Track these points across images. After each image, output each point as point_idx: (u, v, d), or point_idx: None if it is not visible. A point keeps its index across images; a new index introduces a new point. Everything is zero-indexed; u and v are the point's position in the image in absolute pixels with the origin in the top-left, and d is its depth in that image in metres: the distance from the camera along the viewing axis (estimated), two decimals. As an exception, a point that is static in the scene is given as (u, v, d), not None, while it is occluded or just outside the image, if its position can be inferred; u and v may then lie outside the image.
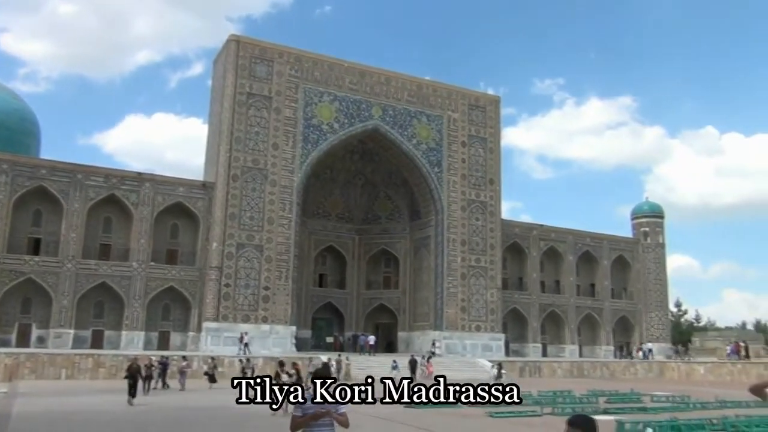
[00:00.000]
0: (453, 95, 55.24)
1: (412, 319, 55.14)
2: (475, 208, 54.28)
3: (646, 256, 67.96)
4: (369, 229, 58.31)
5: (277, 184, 46.33)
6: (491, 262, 54.35)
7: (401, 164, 54.02)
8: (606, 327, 64.65)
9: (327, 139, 48.92)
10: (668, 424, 15.58)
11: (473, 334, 52.20)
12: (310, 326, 54.01)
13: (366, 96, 50.89)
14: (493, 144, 56.40)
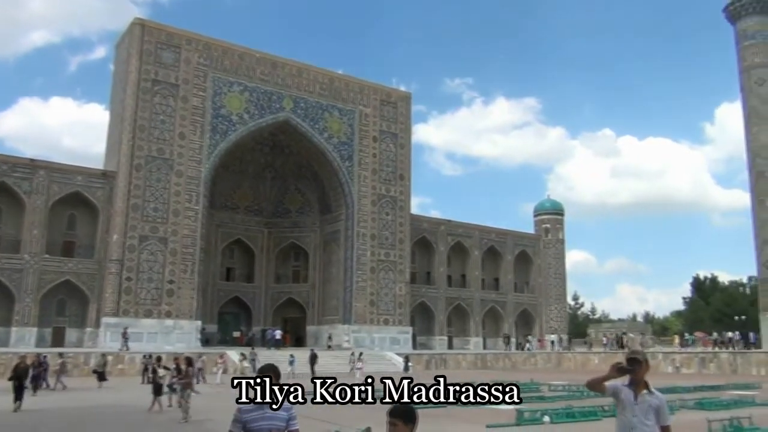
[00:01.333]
0: (365, 90, 55.44)
1: (321, 313, 55.06)
2: (385, 203, 54.78)
3: (547, 252, 70.88)
4: (279, 222, 57.65)
5: (183, 174, 44.94)
6: (400, 257, 55.05)
7: (312, 157, 53.72)
8: (508, 320, 66.99)
9: (236, 130, 47.91)
10: (564, 412, 16.37)
11: (382, 327, 52.74)
12: (216, 321, 52.85)
13: (277, 87, 50.21)
14: (404, 140, 57.08)
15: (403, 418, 4.00)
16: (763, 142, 49.30)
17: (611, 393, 5.57)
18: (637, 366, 5.41)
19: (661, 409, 5.27)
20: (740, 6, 51.27)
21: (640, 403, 5.30)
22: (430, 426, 15.08)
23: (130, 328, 40.59)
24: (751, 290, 75.05)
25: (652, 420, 5.21)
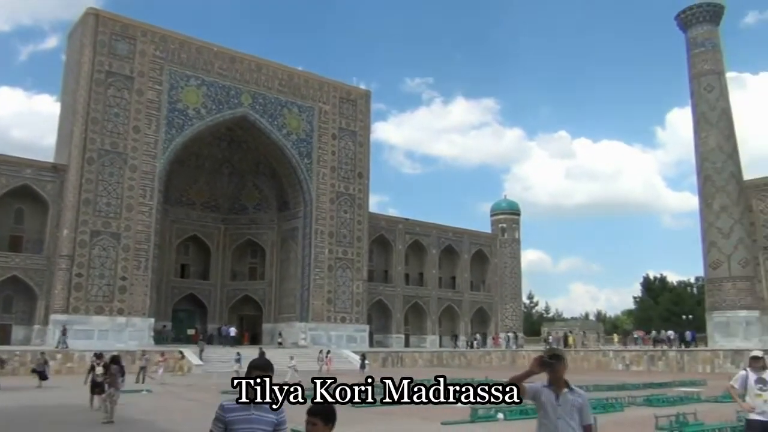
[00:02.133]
0: (325, 87, 55.21)
1: (277, 310, 54.66)
2: (343, 201, 54.67)
3: (503, 251, 71.82)
4: (235, 218, 56.98)
5: (137, 169, 44.01)
6: (358, 255, 55.03)
7: (270, 154, 53.25)
8: (465, 318, 67.67)
9: (193, 124, 47.15)
10: (517, 409, 16.61)
11: (338, 325, 52.64)
12: (170, 318, 51.93)
13: (235, 82, 49.60)
14: (363, 138, 57.06)
15: (322, 417, 3.93)
16: (711, 147, 50.86)
17: (531, 395, 5.24)
18: (557, 362, 5.12)
19: (584, 408, 5.00)
20: (691, 14, 52.76)
21: (563, 403, 5.01)
22: (386, 424, 15.15)
23: (81, 326, 39.63)
24: (698, 290, 77.53)
25: (576, 420, 4.95)
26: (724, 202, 49.62)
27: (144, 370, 28.88)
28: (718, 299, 49.07)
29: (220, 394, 22.94)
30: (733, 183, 50.14)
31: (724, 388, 23.03)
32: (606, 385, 26.37)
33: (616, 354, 48.21)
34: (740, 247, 49.04)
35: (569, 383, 5.09)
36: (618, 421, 15.63)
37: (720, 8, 52.69)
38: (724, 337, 47.46)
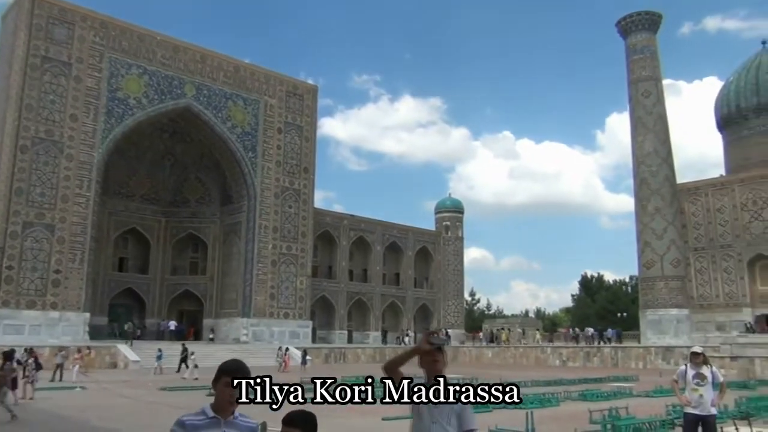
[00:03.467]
0: (271, 80, 54.58)
1: (219, 306, 53.82)
2: (288, 196, 54.21)
3: (446, 249, 72.61)
4: (177, 212, 55.75)
5: (74, 159, 42.52)
6: (302, 250, 54.68)
7: (214, 147, 52.32)
8: (408, 314, 68.13)
9: (134, 114, 45.87)
10: (457, 404, 16.80)
11: (281, 321, 52.21)
12: (106, 313, 50.45)
13: (179, 72, 48.49)
14: (309, 133, 56.69)
15: (302, 427, 3.24)
16: (647, 151, 52.65)
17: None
18: (438, 353, 4.47)
19: (465, 411, 4.28)
20: (630, 22, 54.45)
21: (440, 404, 4.30)
22: (327, 419, 15.10)
23: (10, 320, 38.14)
24: (633, 289, 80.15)
25: (454, 425, 4.23)
26: (658, 204, 51.46)
27: (60, 367, 27.82)
28: (651, 298, 50.89)
29: (157, 391, 22.47)
30: (667, 186, 52.05)
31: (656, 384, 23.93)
32: (544, 380, 27.00)
33: (553, 350, 49.41)
34: (672, 248, 50.97)
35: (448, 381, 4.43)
36: (554, 415, 16.02)
37: (658, 17, 54.57)
38: (655, 334, 49.25)
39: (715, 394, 8.73)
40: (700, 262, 54.83)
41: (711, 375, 8.66)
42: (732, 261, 53.45)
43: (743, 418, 14.11)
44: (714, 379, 8.68)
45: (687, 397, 8.80)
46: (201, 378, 27.00)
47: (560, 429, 13.04)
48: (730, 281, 53.47)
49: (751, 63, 60.38)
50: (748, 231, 52.90)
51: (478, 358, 53.57)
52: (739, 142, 59.43)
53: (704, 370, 8.72)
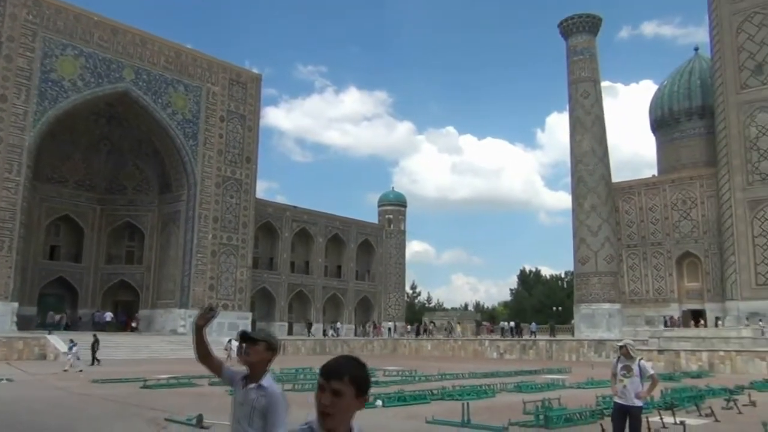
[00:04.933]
0: (214, 67, 53.49)
1: (155, 296, 52.57)
2: (229, 186, 53.35)
3: (388, 242, 72.97)
4: (113, 199, 54.07)
5: (3, 141, 40.64)
6: (243, 241, 53.96)
7: (153, 133, 50.93)
8: (349, 306, 68.19)
9: (68, 97, 44.16)
10: (396, 396, 17.00)
11: (220, 312, 51.35)
12: (36, 303, 48.58)
13: (117, 56, 46.94)
14: (252, 122, 55.89)
15: (356, 383, 2.40)
16: (585, 150, 54.16)
17: (228, 380, 4.12)
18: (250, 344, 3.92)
19: (270, 412, 3.72)
20: (572, 23, 55.81)
21: (245, 401, 3.83)
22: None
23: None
24: (568, 284, 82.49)
25: (256, 426, 3.74)
26: (594, 202, 53.05)
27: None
28: (585, 292, 52.50)
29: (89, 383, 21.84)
30: (602, 185, 53.70)
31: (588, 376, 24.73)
32: (481, 372, 27.51)
33: (491, 343, 50.37)
34: (606, 245, 52.68)
35: (267, 375, 3.88)
36: (489, 406, 16.36)
37: (598, 20, 56.12)
38: (589, 327, 50.87)
39: (644, 386, 9.05)
40: (632, 259, 56.84)
41: (638, 368, 8.98)
42: (662, 258, 55.60)
43: (668, 408, 14.75)
44: (642, 372, 9.00)
45: (615, 387, 9.16)
46: (104, 369, 26.31)
47: (495, 419, 13.34)
48: (659, 277, 55.63)
49: (684, 68, 62.77)
50: (677, 230, 55.12)
51: (417, 350, 54.12)
52: (671, 144, 61.79)
53: (633, 363, 9.06)
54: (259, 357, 3.88)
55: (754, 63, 49.59)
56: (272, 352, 3.95)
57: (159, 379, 22.42)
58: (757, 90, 49.32)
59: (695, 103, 59.51)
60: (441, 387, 19.81)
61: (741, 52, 50.27)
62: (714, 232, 52.46)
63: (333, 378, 2.38)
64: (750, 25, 50.07)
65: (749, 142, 49.22)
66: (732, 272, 48.81)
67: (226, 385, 4.33)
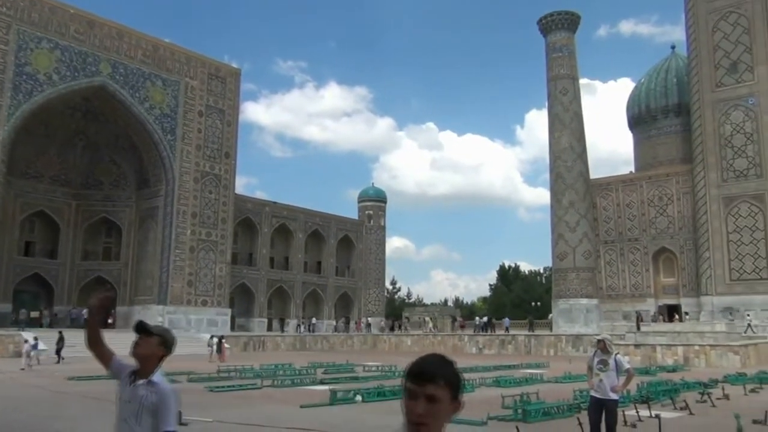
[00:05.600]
0: (192, 62, 52.99)
1: (133, 292, 52.08)
2: (208, 181, 52.95)
3: (368, 237, 72.97)
4: (89, 194, 53.39)
5: (-24, 136, 39.96)
6: (222, 237, 53.62)
7: (130, 128, 50.35)
8: (329, 302, 68.11)
9: (44, 91, 43.48)
10: (375, 391, 17.03)
11: (199, 308, 51.11)
12: (11, 299, 47.87)
13: (94, 49, 46.28)
14: (231, 117, 55.50)
15: (452, 386, 2.10)
16: (564, 147, 54.59)
17: (114, 374, 3.82)
18: (143, 336, 3.68)
19: (160, 410, 3.49)
20: (551, 20, 56.15)
21: (132, 398, 3.56)
22: (246, 408, 14.97)
23: None
24: (547, 279, 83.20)
25: (146, 426, 3.49)
26: (572, 199, 53.50)
27: None
28: (563, 288, 52.97)
29: (66, 381, 21.60)
30: (581, 181, 54.17)
31: (566, 370, 24.98)
32: (460, 367, 27.60)
33: (470, 338, 50.63)
34: (584, 241, 53.17)
35: (156, 373, 3.61)
36: (468, 400, 16.29)
37: (576, 17, 56.51)
38: (566, 322, 51.34)
39: (620, 380, 9.14)
40: (609, 255, 57.47)
41: (614, 362, 9.08)
42: (638, 254, 56.28)
43: (644, 401, 14.97)
44: (618, 366, 9.10)
45: (592, 381, 9.27)
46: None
47: (474, 413, 13.42)
48: (636, 273, 56.32)
49: (661, 66, 63.50)
50: (653, 226, 55.81)
51: (397, 346, 54.23)
52: (648, 141, 62.50)
53: (609, 357, 9.16)
54: (150, 351, 3.62)
55: (729, 61, 50.31)
56: (165, 348, 3.70)
57: (137, 376, 22.21)
58: (732, 88, 50.06)
59: (672, 100, 60.25)
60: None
61: (716, 51, 50.97)
62: (689, 228, 53.22)
63: (428, 382, 2.05)
64: (725, 24, 50.78)
65: (724, 140, 49.96)
66: (707, 268, 49.57)
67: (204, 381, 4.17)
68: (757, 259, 47.43)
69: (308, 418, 13.24)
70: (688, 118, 54.43)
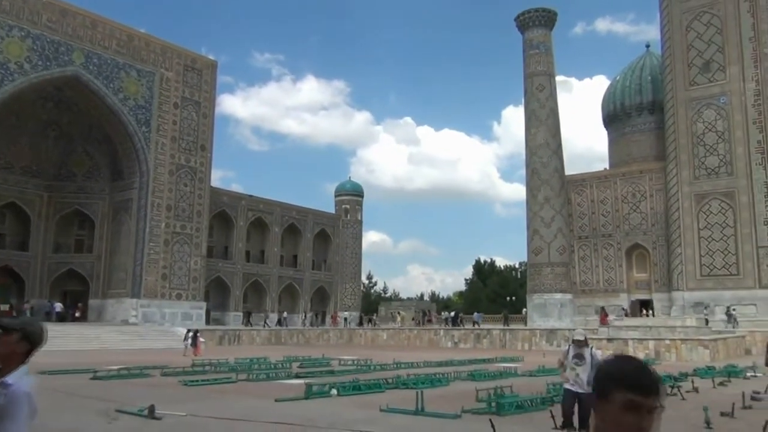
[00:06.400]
0: (168, 53, 52.37)
1: (106, 286, 51.45)
2: (183, 173, 52.45)
3: (345, 232, 72.91)
4: (61, 186, 52.57)
5: (-56, 125, 39.11)
6: (197, 230, 53.19)
7: (104, 119, 49.64)
8: (305, 296, 67.97)
9: (14, 80, 42.67)
10: (351, 385, 17.05)
11: (173, 302, 50.67)
12: (-21, 292, 47.05)
13: (67, 38, 45.50)
14: (207, 109, 54.99)
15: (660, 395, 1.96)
16: (539, 143, 55.01)
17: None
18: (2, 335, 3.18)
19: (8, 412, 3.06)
20: (528, 17, 56.46)
21: None
22: (221, 402, 14.89)
23: None
24: (522, 274, 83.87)
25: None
26: (547, 194, 53.97)
27: None
28: (537, 283, 53.46)
29: (35, 374, 21.24)
30: (556, 177, 54.66)
31: (540, 364, 25.24)
32: (435, 361, 27.79)
33: (446, 332, 50.89)
34: (559, 236, 53.70)
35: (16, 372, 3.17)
36: (443, 394, 16.56)
37: (553, 14, 56.90)
38: (541, 317, 51.85)
39: (592, 374, 9.25)
40: (584, 250, 58.10)
41: (590, 356, 9.21)
42: (612, 249, 56.98)
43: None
44: (593, 360, 9.23)
45: (566, 374, 9.39)
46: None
47: (449, 407, 13.52)
48: (609, 268, 57.03)
49: (635, 64, 64.22)
50: (626, 222, 56.54)
51: (373, 339, 54.30)
52: (622, 138, 63.22)
53: (584, 352, 9.28)
54: (9, 349, 3.17)
55: (702, 61, 51.06)
56: (29, 343, 3.22)
57: (110, 370, 21.99)
58: (705, 87, 50.82)
59: (646, 98, 60.98)
60: (396, 376, 19.93)
61: (690, 50, 51.68)
62: (662, 224, 54.00)
63: (653, 393, 1.89)
64: (699, 23, 51.50)
65: (696, 138, 50.74)
66: (678, 263, 50.37)
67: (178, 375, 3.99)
68: (726, 255, 48.31)
69: (283, 412, 13.22)
70: (661, 116, 55.17)
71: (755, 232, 47.31)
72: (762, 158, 47.80)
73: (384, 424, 11.69)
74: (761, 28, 48.81)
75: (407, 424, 11.67)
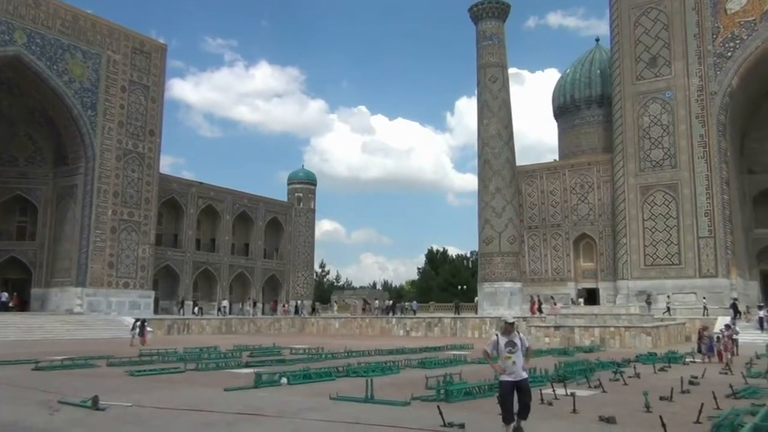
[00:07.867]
0: (115, 34, 50.87)
1: (50, 274, 49.92)
2: (131, 159, 51.19)
3: (298, 220, 72.48)
4: (2, 171, 50.60)
5: None
6: (145, 217, 52.05)
7: (48, 102, 47.96)
8: (256, 285, 67.37)
9: (-49, 59, 40.82)
10: (301, 373, 17.03)
11: (120, 291, 49.56)
12: None
13: (7, 17, 43.70)
14: (156, 94, 53.71)
15: None
16: (492, 134, 55.63)
17: None
18: None
19: None
20: (482, 8, 56.86)
21: None
22: (168, 392, 14.67)
23: None
24: (473, 264, 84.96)
25: None
26: (499, 185, 54.69)
27: None
28: (488, 272, 54.22)
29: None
30: (507, 168, 55.40)
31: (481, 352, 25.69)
32: (387, 349, 27.98)
33: (398, 321, 51.25)
34: (510, 226, 54.53)
35: None
36: (393, 382, 16.69)
37: (507, 7, 57.43)
38: (491, 305, 52.66)
39: (523, 359, 9.30)
40: (533, 240, 59.15)
41: (520, 342, 9.24)
42: (560, 239, 58.18)
43: (560, 380, 15.57)
44: (522, 344, 9.25)
45: (500, 365, 9.24)
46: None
47: (398, 394, 13.64)
48: (557, 258, 58.24)
49: (585, 58, 65.46)
50: (575, 212, 57.78)
51: (325, 328, 54.29)
52: (571, 130, 64.48)
53: (515, 338, 9.26)
54: None
55: (649, 56, 52.37)
56: None
57: (53, 361, 21.40)
58: (651, 82, 52.17)
59: (595, 91, 62.28)
60: (347, 364, 20.00)
61: (638, 45, 52.93)
62: (608, 215, 55.39)
63: None
64: (646, 19, 52.76)
65: (642, 131, 52.10)
66: (623, 253, 51.77)
67: (124, 365, 4.01)
68: (669, 245, 49.89)
69: (232, 401, 13.12)
70: (610, 109, 56.41)
71: (696, 223, 48.97)
72: (704, 152, 49.42)
73: (333, 412, 11.72)
74: (705, 25, 50.32)
75: (356, 412, 11.72)
